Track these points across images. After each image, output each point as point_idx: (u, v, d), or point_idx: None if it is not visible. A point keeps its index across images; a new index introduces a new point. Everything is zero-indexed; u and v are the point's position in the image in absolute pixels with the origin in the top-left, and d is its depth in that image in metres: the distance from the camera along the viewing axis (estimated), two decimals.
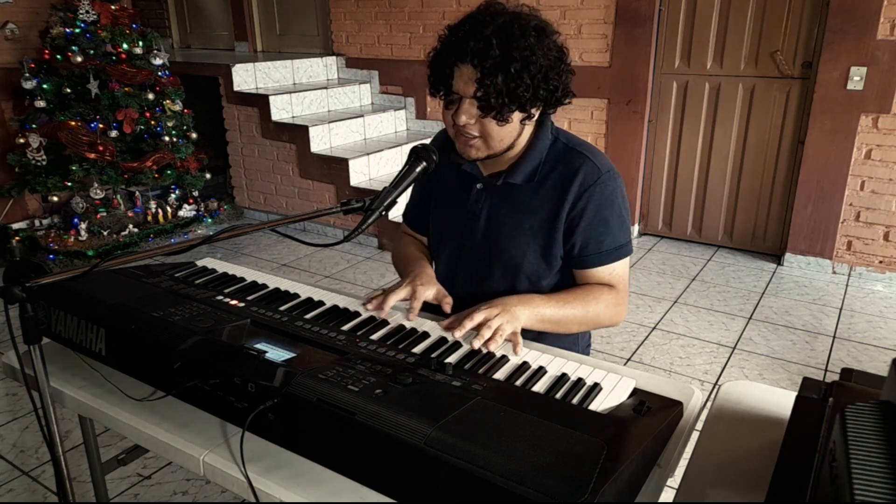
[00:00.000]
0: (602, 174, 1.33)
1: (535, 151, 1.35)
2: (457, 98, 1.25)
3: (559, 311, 1.31)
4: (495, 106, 1.21)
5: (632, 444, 0.86)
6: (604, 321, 1.38)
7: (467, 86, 1.22)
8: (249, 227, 1.08)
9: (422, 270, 1.41)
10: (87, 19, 4.06)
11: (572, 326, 1.36)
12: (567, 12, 4.19)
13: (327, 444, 0.92)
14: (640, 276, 3.83)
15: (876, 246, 3.67)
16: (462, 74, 1.22)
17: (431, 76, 1.29)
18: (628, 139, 4.23)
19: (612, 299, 1.36)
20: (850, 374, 0.89)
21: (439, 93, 1.29)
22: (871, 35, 3.38)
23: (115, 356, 1.16)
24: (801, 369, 2.81)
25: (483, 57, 1.18)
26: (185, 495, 2.09)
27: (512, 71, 1.18)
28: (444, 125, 1.34)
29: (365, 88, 5.15)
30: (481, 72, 1.19)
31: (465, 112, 1.24)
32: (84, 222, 4.17)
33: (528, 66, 1.20)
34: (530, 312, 1.27)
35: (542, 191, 1.35)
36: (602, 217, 1.33)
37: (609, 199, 1.33)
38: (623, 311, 1.40)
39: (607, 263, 1.36)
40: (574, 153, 1.35)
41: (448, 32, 1.26)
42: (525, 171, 1.35)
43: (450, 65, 1.24)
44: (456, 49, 1.22)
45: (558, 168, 1.35)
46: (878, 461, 0.56)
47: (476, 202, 1.41)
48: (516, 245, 1.37)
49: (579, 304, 1.33)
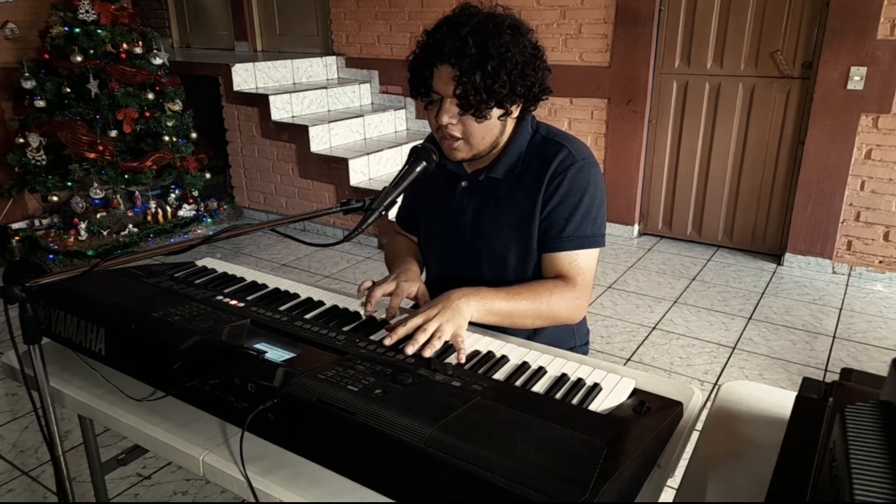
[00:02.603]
0: (577, 161, 1.34)
1: (514, 146, 1.37)
2: (437, 98, 1.28)
3: (509, 303, 1.28)
4: (474, 103, 1.23)
5: (632, 444, 0.86)
6: (560, 315, 1.34)
7: (446, 85, 1.24)
8: (249, 227, 1.08)
9: (406, 267, 1.42)
10: (87, 19, 4.06)
11: (525, 320, 1.31)
12: (567, 12, 4.19)
13: (327, 445, 0.92)
14: (640, 276, 3.83)
15: (876, 246, 3.67)
16: (441, 74, 1.24)
17: (411, 79, 1.31)
18: (628, 139, 4.23)
19: (569, 293, 1.33)
20: (850, 374, 0.89)
21: (419, 94, 1.31)
22: (871, 35, 3.38)
23: (114, 356, 1.16)
24: (801, 369, 2.81)
25: (460, 56, 1.21)
26: (185, 495, 2.09)
27: (489, 68, 1.21)
28: (430, 126, 1.36)
29: (365, 88, 5.15)
30: (459, 70, 1.21)
31: (446, 112, 1.26)
32: (84, 222, 4.17)
33: (504, 62, 1.22)
34: (478, 304, 1.23)
35: (522, 183, 1.37)
36: (570, 202, 1.33)
37: (580, 186, 1.33)
38: (582, 307, 1.37)
39: (567, 250, 1.34)
40: (551, 143, 1.37)
41: (426, 36, 1.29)
42: (505, 164, 1.37)
43: (429, 66, 1.26)
44: (434, 50, 1.24)
45: (536, 159, 1.37)
46: (878, 461, 0.56)
47: (461, 199, 1.43)
48: (500, 238, 1.39)
49: (531, 295, 1.30)
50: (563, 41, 4.24)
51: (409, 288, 1.34)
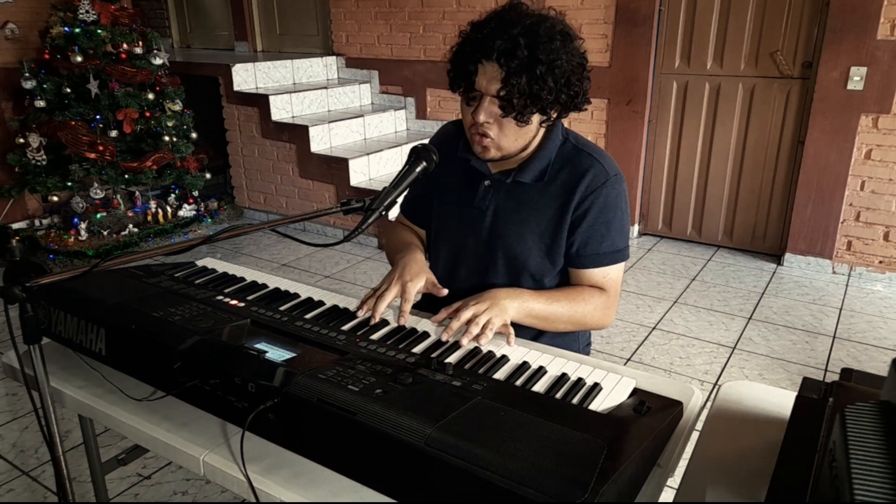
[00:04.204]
0: (610, 177, 1.34)
1: (545, 151, 1.35)
2: (478, 95, 1.25)
3: (547, 307, 1.31)
4: (517, 107, 1.21)
5: (632, 444, 0.86)
6: (590, 323, 1.38)
7: (490, 84, 1.21)
8: (249, 227, 1.08)
9: (411, 258, 1.39)
10: (87, 19, 4.06)
11: (559, 324, 1.35)
12: (567, 12, 4.12)
13: (327, 444, 0.92)
14: (640, 276, 3.83)
15: (876, 246, 3.67)
16: (486, 72, 1.22)
17: (452, 71, 1.28)
18: (628, 139, 4.23)
19: (602, 302, 1.37)
20: (850, 374, 0.89)
21: (459, 88, 1.28)
22: (871, 35, 3.38)
23: (115, 356, 1.16)
24: (801, 369, 2.81)
25: (510, 56, 1.18)
26: (185, 495, 2.09)
27: (537, 73, 1.18)
28: (462, 119, 1.34)
29: (365, 88, 5.15)
30: (506, 71, 1.19)
31: (484, 110, 1.24)
32: (84, 222, 4.17)
33: (552, 69, 1.20)
34: (519, 305, 1.27)
35: (550, 190, 1.35)
36: (605, 219, 1.34)
37: (613, 202, 1.34)
38: (611, 316, 1.40)
39: (603, 266, 1.37)
40: (583, 154, 1.36)
41: (471, 29, 1.26)
42: (535, 170, 1.35)
43: (474, 61, 1.23)
44: (481, 46, 1.21)
45: (566, 168, 1.35)
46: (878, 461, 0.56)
47: (483, 198, 1.41)
48: (522, 243, 1.38)
49: (568, 302, 1.34)
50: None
51: (416, 285, 1.33)
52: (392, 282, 1.33)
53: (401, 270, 1.35)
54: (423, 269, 1.38)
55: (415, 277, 1.33)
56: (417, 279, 1.33)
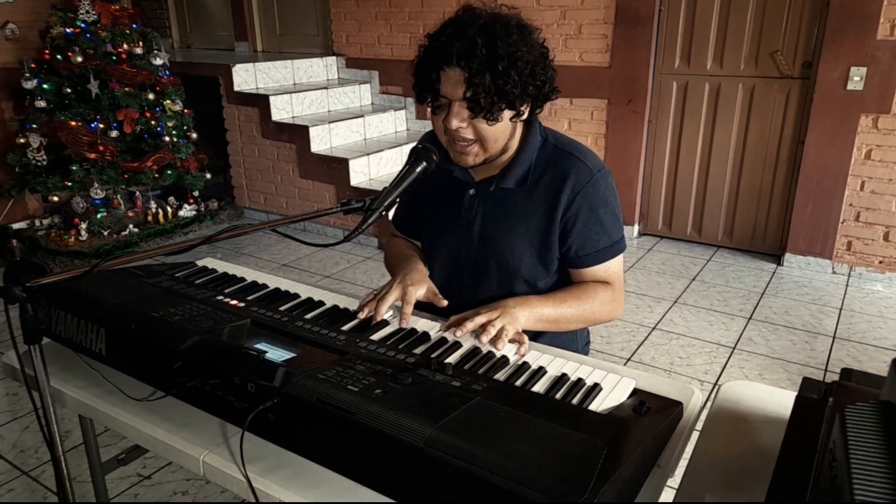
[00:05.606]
0: (594, 174, 1.34)
1: (525, 154, 1.35)
2: (445, 103, 1.24)
3: (557, 310, 1.32)
4: (485, 106, 1.21)
5: (632, 445, 0.86)
6: (601, 318, 1.39)
7: (455, 89, 1.21)
8: (249, 227, 1.08)
9: (412, 267, 1.39)
10: (87, 19, 4.06)
11: (570, 325, 1.37)
12: (567, 12, 4.19)
13: (327, 445, 0.92)
14: (640, 277, 3.83)
15: (876, 246, 3.67)
16: (449, 78, 1.22)
17: (417, 84, 1.28)
18: (628, 139, 4.23)
19: (609, 296, 1.38)
20: (850, 374, 0.89)
21: (426, 100, 1.28)
22: (871, 35, 3.38)
23: (115, 356, 1.16)
24: (800, 369, 2.81)
25: (469, 58, 1.18)
26: (185, 495, 2.09)
27: (499, 69, 1.18)
28: (436, 132, 1.33)
29: (365, 88, 5.15)
30: (469, 73, 1.18)
31: (455, 115, 1.23)
32: (84, 222, 4.17)
33: (514, 62, 1.20)
34: (529, 313, 1.28)
35: (535, 194, 1.35)
36: (596, 217, 1.34)
37: (602, 197, 1.34)
38: (620, 307, 1.41)
39: (603, 262, 1.37)
40: (564, 154, 1.36)
41: (429, 39, 1.26)
42: (517, 174, 1.35)
43: (436, 70, 1.23)
44: (441, 53, 1.21)
45: (549, 171, 1.35)
46: (878, 461, 0.56)
47: (469, 208, 1.41)
48: (512, 249, 1.38)
49: (576, 302, 1.35)
50: (563, 41, 4.24)
51: (418, 291, 1.32)
52: (394, 285, 1.33)
53: (402, 276, 1.36)
54: (425, 279, 1.38)
55: (416, 283, 1.34)
56: (419, 285, 1.34)
